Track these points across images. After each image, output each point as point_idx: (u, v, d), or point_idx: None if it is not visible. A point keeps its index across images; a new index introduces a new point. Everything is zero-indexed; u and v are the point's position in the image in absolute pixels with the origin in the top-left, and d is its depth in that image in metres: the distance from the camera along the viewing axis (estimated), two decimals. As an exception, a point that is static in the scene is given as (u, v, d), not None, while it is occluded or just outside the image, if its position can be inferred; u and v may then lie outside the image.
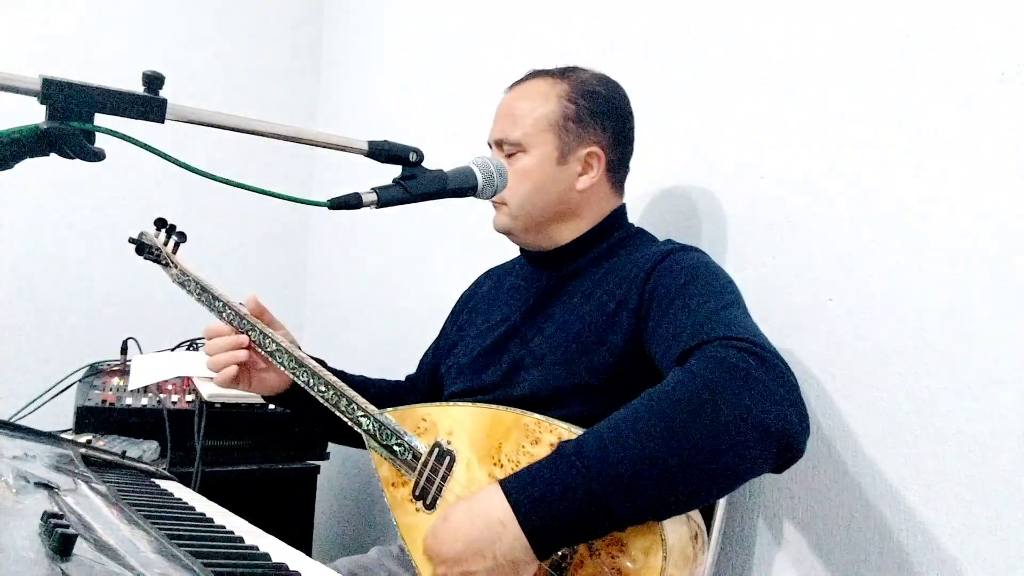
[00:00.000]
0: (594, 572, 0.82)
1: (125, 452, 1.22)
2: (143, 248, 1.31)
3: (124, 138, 0.71)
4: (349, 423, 1.08)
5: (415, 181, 0.91)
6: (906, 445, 0.98)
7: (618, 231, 1.16)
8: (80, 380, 1.74)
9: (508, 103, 1.16)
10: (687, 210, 1.30)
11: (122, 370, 1.80)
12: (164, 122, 0.72)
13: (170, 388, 1.66)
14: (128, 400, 1.59)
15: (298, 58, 2.70)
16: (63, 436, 1.17)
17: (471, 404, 1.00)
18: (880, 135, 1.03)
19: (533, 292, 1.17)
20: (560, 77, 1.14)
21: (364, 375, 1.34)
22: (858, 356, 1.04)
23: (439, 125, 2.02)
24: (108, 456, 1.14)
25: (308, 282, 2.74)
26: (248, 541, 0.76)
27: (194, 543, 0.69)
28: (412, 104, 2.18)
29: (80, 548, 0.50)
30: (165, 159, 0.73)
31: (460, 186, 0.96)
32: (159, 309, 2.18)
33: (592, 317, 1.04)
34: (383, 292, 2.26)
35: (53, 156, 0.68)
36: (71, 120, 0.67)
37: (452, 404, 1.03)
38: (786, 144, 1.15)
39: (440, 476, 0.98)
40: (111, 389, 1.65)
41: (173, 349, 1.95)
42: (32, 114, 0.66)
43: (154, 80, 0.71)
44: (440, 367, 1.29)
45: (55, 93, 0.66)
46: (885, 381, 1.00)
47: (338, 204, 0.85)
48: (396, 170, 0.91)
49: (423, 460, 1.00)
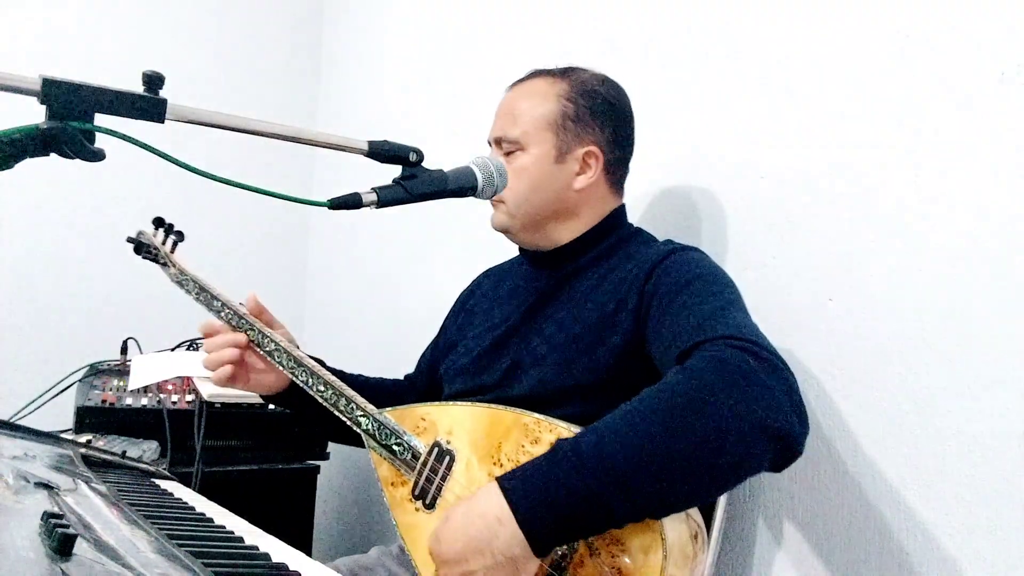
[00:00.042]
0: (594, 571, 0.82)
1: (125, 452, 1.22)
2: (141, 247, 1.31)
3: (124, 138, 0.71)
4: (348, 423, 1.08)
5: (415, 181, 0.91)
6: (906, 445, 0.98)
7: (617, 231, 1.16)
8: (80, 380, 1.74)
9: (508, 101, 1.16)
10: (687, 210, 1.30)
11: (122, 370, 1.79)
12: (164, 122, 0.72)
13: (170, 388, 1.66)
14: (128, 400, 1.59)
15: (298, 58, 2.70)
16: (63, 436, 1.17)
17: (471, 404, 1.00)
18: (880, 135, 1.03)
19: (533, 292, 1.17)
20: (560, 77, 1.14)
21: (363, 374, 1.34)
22: (858, 356, 1.04)
23: (439, 125, 2.02)
24: (108, 456, 1.14)
25: (308, 282, 2.74)
26: (248, 541, 0.77)
27: (194, 543, 0.69)
28: (412, 104, 2.18)
29: (80, 548, 0.50)
30: (165, 159, 0.73)
31: (460, 186, 0.97)
32: (159, 309, 2.17)
33: (592, 317, 1.03)
34: (383, 292, 2.26)
35: (53, 156, 0.68)
36: (71, 120, 0.67)
37: (451, 404, 1.02)
38: (786, 144, 1.15)
39: (439, 476, 0.98)
40: (111, 389, 1.65)
41: (173, 349, 1.95)
42: (32, 114, 0.66)
43: (154, 80, 0.71)
44: (439, 366, 1.29)
45: (55, 93, 0.66)
46: (885, 381, 1.00)
47: (338, 204, 0.85)
48: (396, 170, 0.91)
49: (422, 460, 1.00)
